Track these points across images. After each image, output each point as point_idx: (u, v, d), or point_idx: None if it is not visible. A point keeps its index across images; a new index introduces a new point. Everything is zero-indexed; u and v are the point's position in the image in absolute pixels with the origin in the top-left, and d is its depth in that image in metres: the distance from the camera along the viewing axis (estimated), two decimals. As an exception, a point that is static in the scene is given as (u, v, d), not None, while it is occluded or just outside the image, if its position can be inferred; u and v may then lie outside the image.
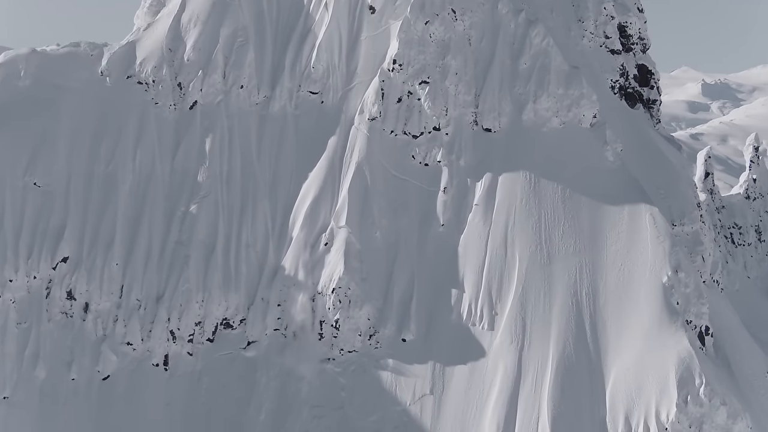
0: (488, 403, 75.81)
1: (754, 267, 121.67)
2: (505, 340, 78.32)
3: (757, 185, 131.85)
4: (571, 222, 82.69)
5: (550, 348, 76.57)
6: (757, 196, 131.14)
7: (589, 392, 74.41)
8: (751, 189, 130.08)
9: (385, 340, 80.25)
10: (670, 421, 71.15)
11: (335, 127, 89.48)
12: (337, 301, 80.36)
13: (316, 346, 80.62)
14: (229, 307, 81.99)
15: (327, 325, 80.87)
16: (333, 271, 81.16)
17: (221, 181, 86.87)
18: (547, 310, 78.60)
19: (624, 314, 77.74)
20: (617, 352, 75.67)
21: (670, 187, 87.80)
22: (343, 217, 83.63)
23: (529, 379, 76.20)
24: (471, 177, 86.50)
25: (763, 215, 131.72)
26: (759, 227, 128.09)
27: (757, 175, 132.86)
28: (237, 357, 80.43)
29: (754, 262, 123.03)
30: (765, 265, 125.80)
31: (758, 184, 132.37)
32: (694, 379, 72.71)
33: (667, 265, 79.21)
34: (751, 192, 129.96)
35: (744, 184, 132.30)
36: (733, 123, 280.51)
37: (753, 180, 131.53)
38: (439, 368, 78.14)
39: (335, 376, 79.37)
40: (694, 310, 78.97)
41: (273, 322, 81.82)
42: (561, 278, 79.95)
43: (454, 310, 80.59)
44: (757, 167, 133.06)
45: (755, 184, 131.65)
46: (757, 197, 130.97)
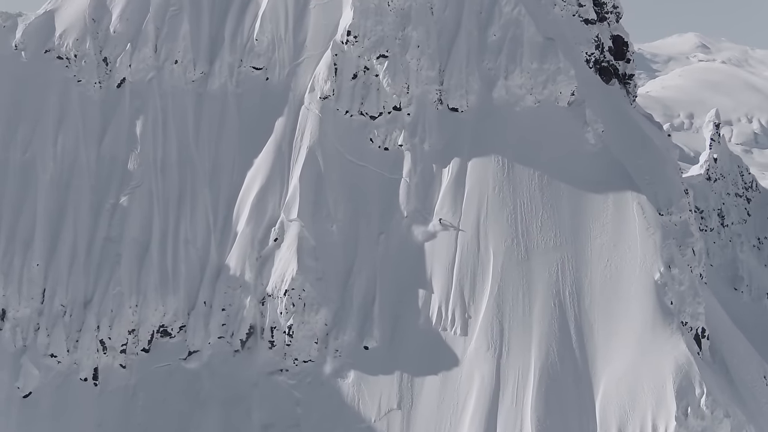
0: (463, 418, 73.06)
1: (717, 254, 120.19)
2: (480, 347, 75.56)
3: (718, 165, 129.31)
4: (550, 212, 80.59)
5: (532, 355, 74.45)
6: (719, 177, 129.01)
7: (577, 404, 72.44)
8: (712, 169, 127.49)
9: (345, 348, 77.00)
10: None
11: (283, 107, 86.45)
12: (290, 304, 76.96)
13: (267, 355, 77.35)
14: (166, 313, 78.24)
15: (279, 331, 77.33)
16: (284, 271, 78.02)
17: (155, 169, 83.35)
18: (526, 312, 76.42)
19: (613, 316, 75.81)
20: (607, 359, 73.85)
21: (656, 172, 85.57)
22: (295, 208, 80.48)
23: (509, 390, 73.67)
24: (437, 162, 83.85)
25: (726, 197, 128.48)
26: (722, 211, 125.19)
27: (718, 155, 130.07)
28: (176, 369, 76.99)
29: (717, 249, 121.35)
30: (729, 252, 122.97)
31: (719, 164, 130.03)
32: (694, 388, 71.20)
33: (659, 260, 77.32)
34: (712, 173, 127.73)
35: (705, 164, 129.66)
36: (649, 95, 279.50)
37: (714, 160, 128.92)
38: (406, 379, 75.29)
39: (289, 389, 76.11)
40: (689, 310, 77.16)
41: (217, 329, 78.13)
42: (541, 276, 77.89)
43: (422, 313, 77.77)
44: (718, 146, 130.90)
45: (716, 164, 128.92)
46: (718, 178, 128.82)
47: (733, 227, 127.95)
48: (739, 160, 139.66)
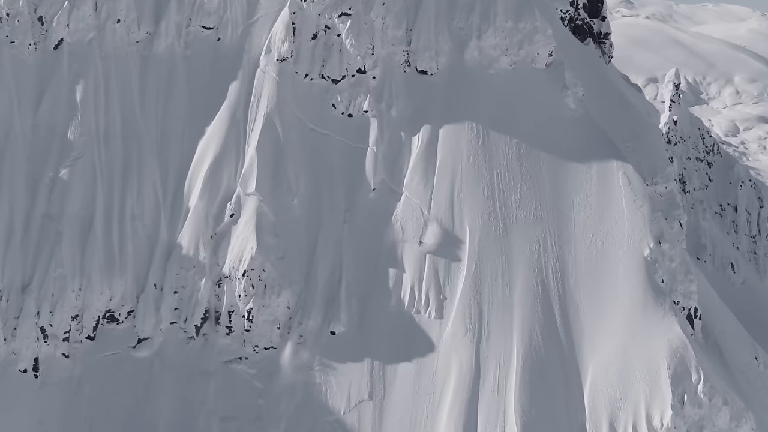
0: (441, 409, 71.40)
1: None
2: (457, 331, 73.77)
3: (678, 128, 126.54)
4: (529, 184, 78.76)
5: (514, 339, 73.01)
6: (679, 140, 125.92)
7: (564, 393, 71.36)
8: (672, 133, 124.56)
9: (310, 333, 74.59)
10: (665, 427, 68.31)
11: (236, 70, 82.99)
12: (249, 286, 74.41)
13: (224, 342, 74.77)
14: (113, 297, 75.05)
15: (237, 316, 74.77)
16: (242, 250, 75.35)
17: (97, 138, 79.44)
18: (506, 292, 74.85)
19: (600, 296, 74.52)
20: (595, 343, 72.72)
21: (638, 138, 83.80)
22: (252, 181, 77.68)
23: (490, 378, 72.11)
24: (405, 130, 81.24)
25: (687, 162, 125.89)
26: (683, 176, 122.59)
27: (678, 117, 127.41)
28: (125, 358, 74.17)
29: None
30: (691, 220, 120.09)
31: (679, 126, 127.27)
32: (690, 374, 70.34)
33: (648, 234, 76.03)
34: (672, 136, 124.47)
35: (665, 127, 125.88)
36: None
37: (674, 122, 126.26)
38: (378, 367, 73.43)
39: (249, 379, 73.61)
40: (681, 289, 76.07)
41: (169, 314, 75.27)
42: (521, 253, 76.25)
43: (393, 294, 75.75)
44: (678, 107, 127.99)
45: (676, 127, 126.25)
46: (678, 142, 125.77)
47: (695, 193, 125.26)
48: (699, 122, 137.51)
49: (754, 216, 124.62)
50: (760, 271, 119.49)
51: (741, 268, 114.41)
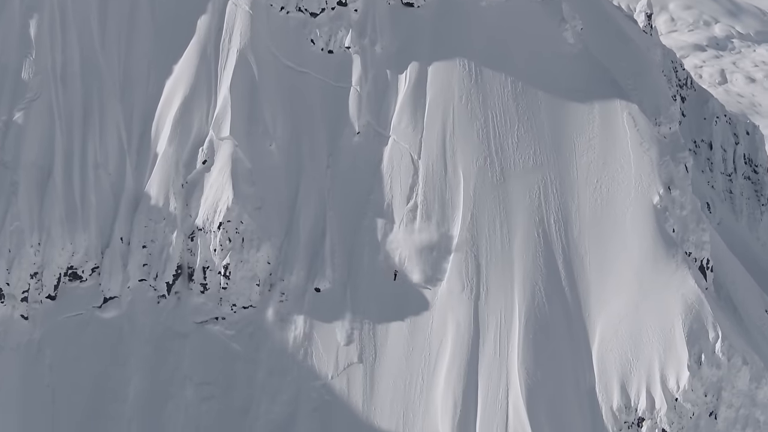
0: (438, 372, 69.51)
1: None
2: (454, 287, 71.91)
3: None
4: (527, 126, 77.21)
5: (515, 296, 71.54)
6: None
7: (571, 354, 70.10)
8: None
9: (293, 290, 72.10)
10: (682, 389, 66.87)
11: (206, 2, 79.93)
12: (226, 239, 71.47)
13: (199, 301, 71.92)
14: (75, 252, 71.51)
15: (212, 272, 71.81)
16: (217, 200, 72.28)
17: (54, 78, 75.58)
18: (506, 244, 73.22)
19: (606, 248, 73.22)
20: (602, 299, 71.67)
21: (639, 76, 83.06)
22: (226, 124, 74.40)
23: (491, 338, 70.27)
24: (392, 68, 79.27)
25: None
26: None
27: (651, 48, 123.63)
28: (90, 319, 70.95)
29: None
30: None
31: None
32: (707, 331, 69.18)
33: (657, 180, 74.90)
34: None
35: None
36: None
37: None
38: (368, 327, 71.12)
39: (226, 341, 70.94)
40: (693, 239, 74.57)
41: (138, 271, 72.03)
42: (521, 201, 74.84)
43: (382, 247, 73.48)
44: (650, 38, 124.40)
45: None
46: None
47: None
48: (672, 54, 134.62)
49: (729, 153, 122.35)
50: (736, 211, 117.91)
51: (717, 208, 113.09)
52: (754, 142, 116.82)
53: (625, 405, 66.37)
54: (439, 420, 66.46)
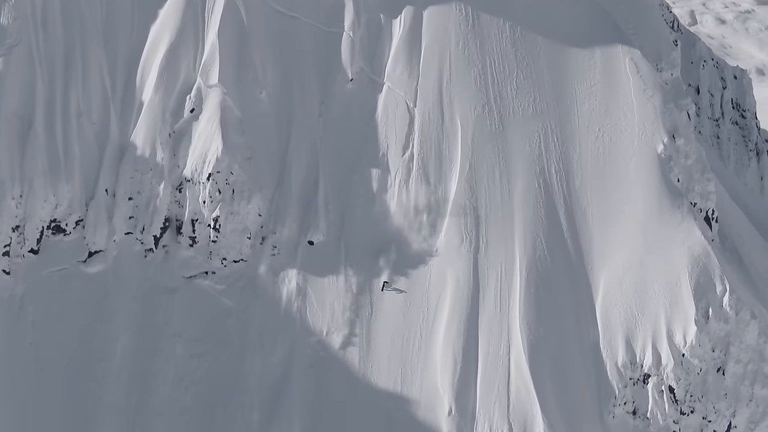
0: (437, 328, 68.11)
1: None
2: (452, 240, 70.68)
3: None
4: (526, 72, 75.99)
5: (516, 248, 70.37)
6: None
7: (574, 308, 68.90)
8: None
9: (285, 243, 71.00)
10: (689, 345, 65.57)
11: None
12: (215, 191, 70.04)
13: (188, 255, 70.76)
14: (58, 205, 70.21)
15: (202, 225, 70.48)
16: (206, 150, 70.82)
17: (34, 23, 73.86)
18: (505, 195, 72.23)
19: (609, 198, 72.24)
20: (606, 252, 70.57)
21: (640, 19, 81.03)
22: (214, 71, 73.00)
23: (491, 292, 68.93)
24: (385, 12, 77.93)
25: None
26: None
27: None
28: (74, 274, 69.65)
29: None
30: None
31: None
32: (715, 285, 68.03)
33: (661, 128, 73.62)
34: None
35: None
36: None
37: None
38: (364, 281, 69.60)
39: (217, 296, 69.64)
40: (698, 189, 73.33)
41: (123, 224, 70.62)
42: (520, 150, 73.59)
43: (378, 199, 72.52)
44: None
45: None
46: None
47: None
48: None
49: (717, 98, 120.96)
50: (723, 156, 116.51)
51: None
52: (741, 86, 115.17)
53: (631, 361, 65.09)
54: (439, 377, 65.20)
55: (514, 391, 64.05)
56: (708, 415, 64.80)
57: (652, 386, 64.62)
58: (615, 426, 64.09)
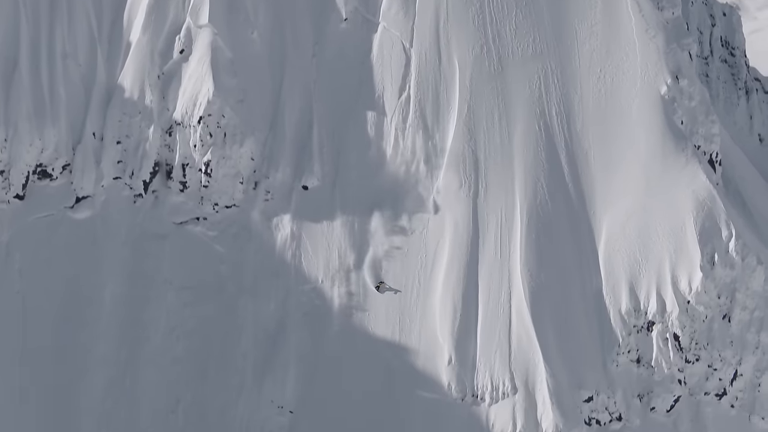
0: (435, 274, 67.92)
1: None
2: (451, 184, 70.02)
3: None
4: (525, 11, 74.59)
5: (516, 193, 69.77)
6: None
7: (576, 254, 68.09)
8: None
9: (279, 188, 70.50)
10: (694, 291, 64.41)
11: None
12: (206, 134, 69.31)
13: (178, 200, 70.51)
14: (45, 149, 69.71)
15: (193, 169, 70.29)
16: (196, 92, 70.23)
17: None
18: (505, 138, 71.16)
19: (612, 141, 70.87)
20: (608, 196, 69.68)
21: None
22: (204, 11, 72.03)
23: (491, 238, 68.09)
24: None
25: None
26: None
27: None
28: (62, 220, 69.26)
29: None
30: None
31: None
32: (720, 230, 66.96)
33: (664, 68, 72.12)
34: None
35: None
36: None
37: None
38: (359, 226, 68.71)
39: (209, 243, 69.32)
40: (702, 131, 71.68)
41: (112, 168, 70.13)
42: (520, 92, 72.60)
43: (374, 142, 71.90)
44: None
45: None
46: None
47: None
48: None
49: (706, 36, 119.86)
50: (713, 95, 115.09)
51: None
52: (731, 24, 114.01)
53: (634, 308, 64.20)
54: (438, 326, 64.48)
55: (515, 340, 63.25)
56: (713, 364, 63.92)
57: (657, 334, 63.70)
58: (618, 374, 63.24)
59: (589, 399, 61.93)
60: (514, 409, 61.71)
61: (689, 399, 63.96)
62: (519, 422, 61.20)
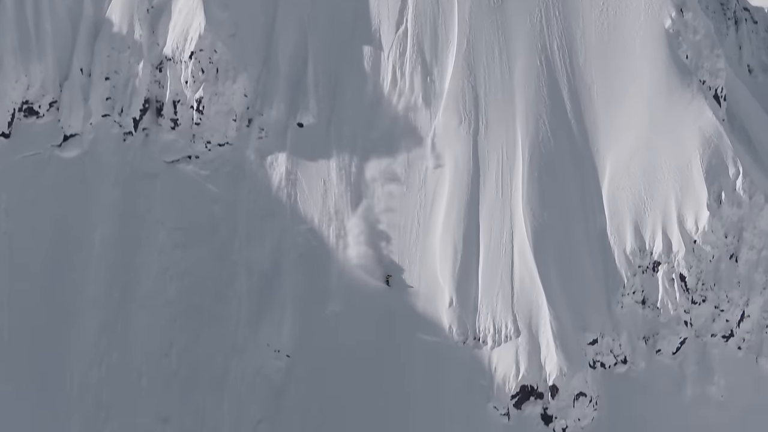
0: (435, 214, 66.86)
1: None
2: (450, 121, 68.43)
3: None
4: None
5: (517, 129, 68.29)
6: None
7: (579, 193, 66.69)
8: None
9: (273, 126, 69.07)
10: (701, 231, 62.78)
11: None
12: (198, 70, 68.32)
13: (170, 138, 69.61)
14: (31, 85, 68.85)
15: (184, 106, 69.36)
16: (187, 26, 69.56)
17: None
18: (506, 73, 70.17)
19: (615, 76, 69.65)
20: (612, 133, 68.27)
21: None
22: None
23: (492, 176, 66.70)
24: None
25: None
26: None
27: None
28: (50, 159, 68.07)
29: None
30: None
31: None
32: (727, 167, 65.40)
33: (669, 1, 70.54)
34: None
35: None
36: None
37: None
38: (356, 164, 67.54)
39: (201, 182, 68.23)
40: (707, 66, 70.34)
41: (100, 106, 69.10)
42: (521, 26, 72.03)
43: (371, 77, 71.14)
44: None
45: None
46: None
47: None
48: None
49: None
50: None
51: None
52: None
53: (640, 248, 62.81)
54: (438, 266, 63.07)
55: (518, 281, 61.87)
56: (720, 304, 62.57)
57: (662, 274, 62.27)
58: (623, 316, 61.98)
59: (593, 341, 60.62)
60: (517, 352, 60.18)
61: (695, 341, 62.58)
62: (522, 366, 59.64)
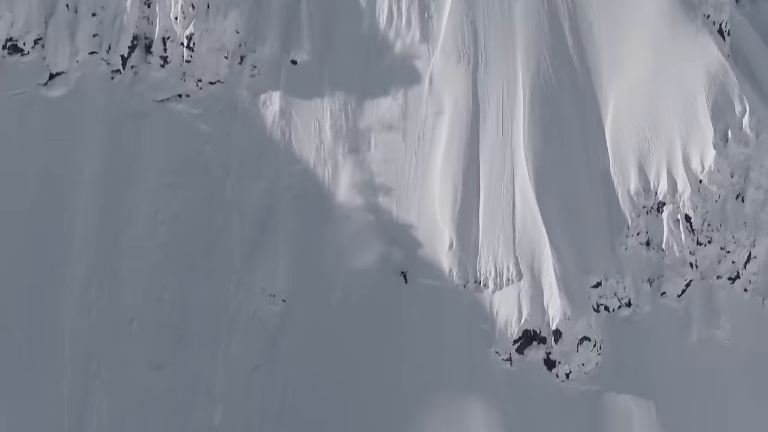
0: (434, 155, 64.91)
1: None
2: (449, 58, 67.04)
3: None
4: None
5: (518, 67, 67.00)
6: None
7: (581, 131, 65.48)
8: None
9: (266, 63, 67.65)
10: (707, 170, 61.88)
11: None
12: (188, 6, 66.38)
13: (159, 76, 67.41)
14: (15, 22, 66.37)
15: (174, 43, 67.10)
16: None
17: None
18: (505, 8, 68.92)
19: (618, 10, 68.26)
20: (615, 69, 67.11)
21: None
22: None
23: (492, 115, 65.24)
24: None
25: None
26: None
27: None
28: (34, 98, 65.99)
29: None
30: None
31: None
32: (734, 104, 64.07)
33: None
34: None
35: None
36: None
37: None
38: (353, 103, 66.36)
39: (192, 121, 66.39)
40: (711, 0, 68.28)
41: (87, 42, 66.77)
42: None
43: (366, 13, 69.10)
44: None
45: None
46: None
47: None
48: None
49: None
50: None
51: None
52: None
53: (644, 188, 61.48)
54: (437, 208, 61.74)
55: (519, 222, 60.50)
56: (726, 246, 61.19)
57: (667, 215, 60.99)
58: (627, 258, 60.70)
59: (597, 284, 59.33)
60: (519, 295, 58.96)
61: (701, 283, 61.31)
62: (525, 309, 58.38)
